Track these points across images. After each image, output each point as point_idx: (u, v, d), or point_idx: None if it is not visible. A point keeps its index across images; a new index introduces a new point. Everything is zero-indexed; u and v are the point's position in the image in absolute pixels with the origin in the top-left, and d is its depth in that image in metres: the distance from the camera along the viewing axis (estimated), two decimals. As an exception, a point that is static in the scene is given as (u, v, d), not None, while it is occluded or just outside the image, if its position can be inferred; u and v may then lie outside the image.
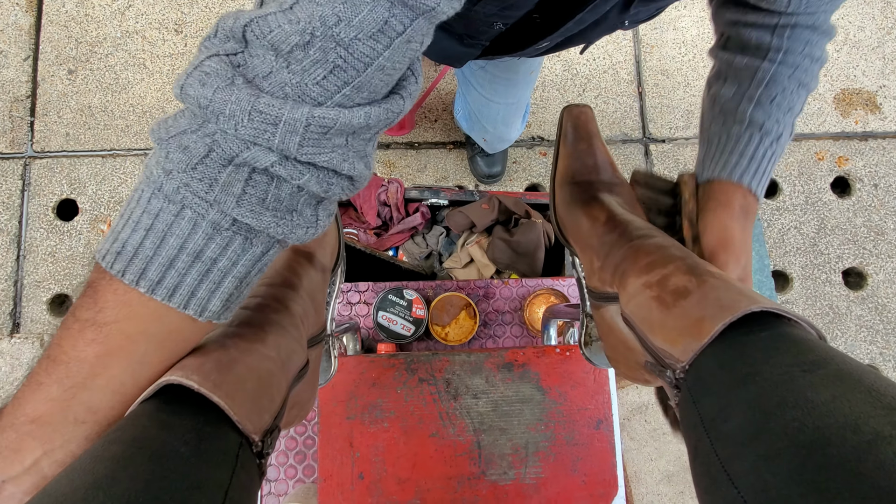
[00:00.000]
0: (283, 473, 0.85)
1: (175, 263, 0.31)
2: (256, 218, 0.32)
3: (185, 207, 0.30)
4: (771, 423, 0.26)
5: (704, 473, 0.28)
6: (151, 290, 0.30)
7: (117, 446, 0.27)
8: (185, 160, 0.30)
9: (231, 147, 0.30)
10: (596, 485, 0.71)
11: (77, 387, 0.30)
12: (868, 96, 1.74)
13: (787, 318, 0.33)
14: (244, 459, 0.30)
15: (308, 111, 0.30)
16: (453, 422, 0.72)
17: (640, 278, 0.42)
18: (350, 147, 0.33)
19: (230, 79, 0.30)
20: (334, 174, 0.33)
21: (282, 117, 0.29)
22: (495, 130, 1.19)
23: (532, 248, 1.22)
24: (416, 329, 0.94)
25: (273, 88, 0.30)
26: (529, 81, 1.03)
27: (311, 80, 0.30)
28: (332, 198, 0.35)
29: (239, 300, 0.35)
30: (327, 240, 0.57)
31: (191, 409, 0.30)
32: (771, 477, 0.24)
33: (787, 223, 1.67)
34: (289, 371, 0.40)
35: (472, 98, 1.09)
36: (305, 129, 0.30)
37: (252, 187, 0.31)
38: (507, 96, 1.04)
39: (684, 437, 0.33)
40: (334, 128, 0.31)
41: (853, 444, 0.23)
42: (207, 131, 0.30)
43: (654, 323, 0.38)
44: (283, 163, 0.31)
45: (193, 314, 0.32)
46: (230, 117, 0.29)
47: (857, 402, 0.25)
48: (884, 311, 1.62)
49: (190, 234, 0.31)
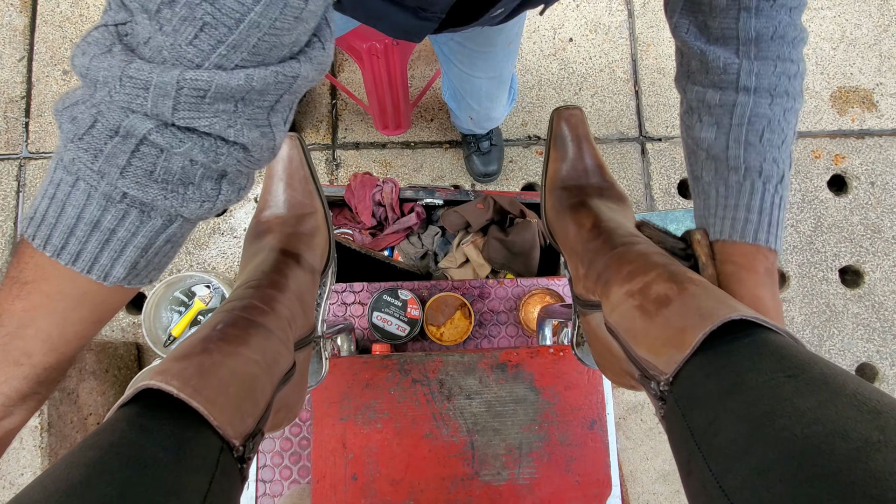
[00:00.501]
0: (279, 474, 0.85)
1: (75, 231, 0.32)
2: (142, 190, 0.32)
3: (79, 179, 0.32)
4: (761, 434, 0.26)
5: (700, 490, 0.28)
6: (56, 254, 0.33)
7: (94, 452, 0.26)
8: (74, 130, 0.31)
9: (113, 116, 0.30)
10: (590, 485, 0.71)
11: (10, 335, 0.33)
12: (865, 94, 1.74)
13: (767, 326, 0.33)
14: (225, 464, 0.30)
15: (179, 73, 0.29)
16: (447, 422, 0.71)
17: (623, 287, 0.41)
18: (239, 113, 0.32)
19: (108, 47, 0.30)
20: (222, 142, 0.33)
21: (151, 81, 0.29)
22: (480, 107, 1.18)
23: (527, 247, 1.22)
24: (411, 329, 0.94)
25: (152, 54, 0.30)
26: (509, 53, 1.01)
27: (184, 40, 0.29)
28: (230, 169, 0.35)
29: (151, 266, 0.36)
30: (317, 241, 0.57)
31: (171, 414, 0.30)
32: (765, 492, 0.24)
33: (784, 221, 1.66)
34: (274, 374, 0.40)
35: (453, 75, 1.08)
36: (178, 92, 0.29)
37: (139, 159, 0.31)
38: (487, 70, 1.03)
39: (674, 450, 0.33)
40: (210, 91, 0.30)
41: (843, 453, 0.23)
42: (94, 101, 0.31)
43: (637, 333, 0.38)
44: (160, 130, 0.31)
45: (97, 279, 0.34)
46: (104, 84, 0.30)
47: (843, 407, 0.25)
48: (880, 309, 1.62)
49: (85, 204, 0.32)
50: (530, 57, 1.73)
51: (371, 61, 1.22)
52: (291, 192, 0.57)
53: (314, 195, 0.59)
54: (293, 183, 0.58)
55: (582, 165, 0.56)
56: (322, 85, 1.70)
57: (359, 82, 1.70)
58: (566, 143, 0.57)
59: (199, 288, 1.48)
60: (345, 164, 1.66)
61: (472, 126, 1.33)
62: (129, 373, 1.48)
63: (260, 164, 0.36)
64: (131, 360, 1.50)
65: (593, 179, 0.55)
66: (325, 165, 1.66)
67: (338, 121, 1.69)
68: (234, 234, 1.60)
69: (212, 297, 1.48)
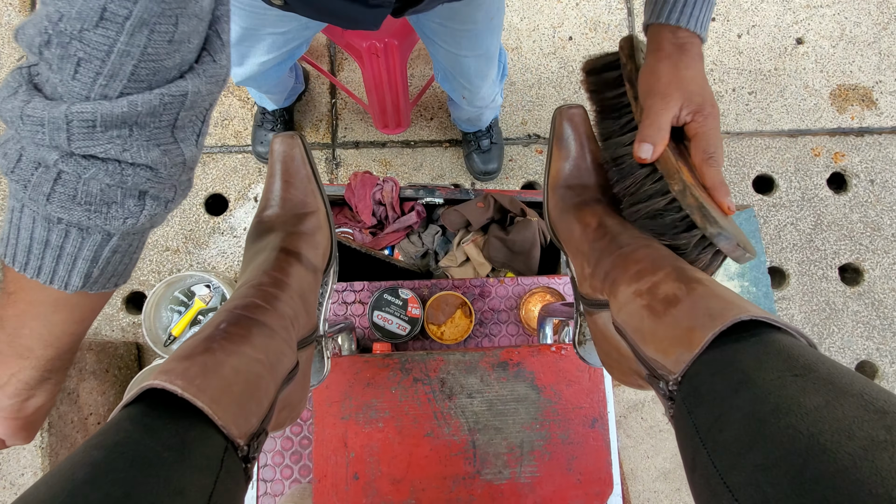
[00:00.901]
0: (280, 474, 0.85)
1: (32, 249, 0.37)
2: (67, 213, 0.36)
3: (25, 206, 0.37)
4: (766, 431, 0.26)
5: (704, 486, 0.28)
6: (23, 269, 0.38)
7: (98, 451, 0.26)
8: (7, 165, 0.35)
9: (31, 150, 0.34)
10: (591, 483, 0.71)
11: (10, 335, 0.40)
12: (864, 92, 1.74)
13: (776, 325, 0.33)
14: (229, 464, 0.30)
15: (67, 108, 0.32)
16: (448, 421, 0.71)
17: (631, 286, 0.41)
18: (136, 136, 0.35)
19: (14, 89, 0.34)
20: (123, 164, 0.35)
21: (45, 118, 0.32)
22: (471, 86, 1.18)
23: (528, 246, 1.22)
24: (411, 328, 0.94)
25: (51, 91, 0.33)
26: (492, 29, 1.01)
27: (68, 75, 0.32)
28: (141, 187, 0.37)
29: (107, 274, 0.40)
30: (318, 240, 0.57)
31: (175, 413, 0.30)
32: (770, 488, 0.24)
33: (784, 219, 1.67)
34: (277, 373, 0.40)
35: (441, 56, 1.08)
36: (69, 125, 0.32)
37: (62, 185, 0.35)
38: (473, 48, 1.03)
39: (680, 447, 0.33)
40: (97, 120, 0.33)
41: (849, 451, 0.23)
42: (18, 138, 0.35)
43: (645, 333, 0.38)
44: (65, 159, 0.34)
45: (59, 288, 0.38)
46: (12, 123, 0.34)
47: (850, 407, 0.25)
48: (880, 307, 1.62)
49: (33, 227, 0.37)
50: (530, 55, 1.73)
51: (371, 60, 1.21)
52: (293, 191, 0.57)
53: (316, 194, 0.59)
54: (295, 182, 0.58)
55: (585, 164, 0.56)
56: (322, 84, 1.70)
57: (358, 81, 1.70)
58: (569, 142, 0.56)
59: (199, 287, 1.48)
60: (345, 164, 1.66)
61: (465, 106, 1.32)
62: (129, 373, 1.48)
63: (174, 178, 0.39)
64: (131, 360, 1.50)
65: (597, 179, 0.55)
66: (325, 165, 1.66)
67: (337, 120, 1.68)
68: (234, 233, 1.60)
69: (212, 297, 1.48)
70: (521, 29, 1.75)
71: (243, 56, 1.01)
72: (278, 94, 1.43)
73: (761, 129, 1.71)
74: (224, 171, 1.63)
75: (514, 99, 1.71)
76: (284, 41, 0.97)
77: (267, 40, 0.95)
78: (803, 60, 1.75)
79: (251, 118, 1.66)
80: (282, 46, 0.98)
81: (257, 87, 1.25)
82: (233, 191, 1.62)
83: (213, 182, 1.62)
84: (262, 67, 1.04)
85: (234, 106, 1.67)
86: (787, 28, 1.77)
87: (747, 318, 0.33)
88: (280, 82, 1.35)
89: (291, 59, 1.09)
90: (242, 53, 1.00)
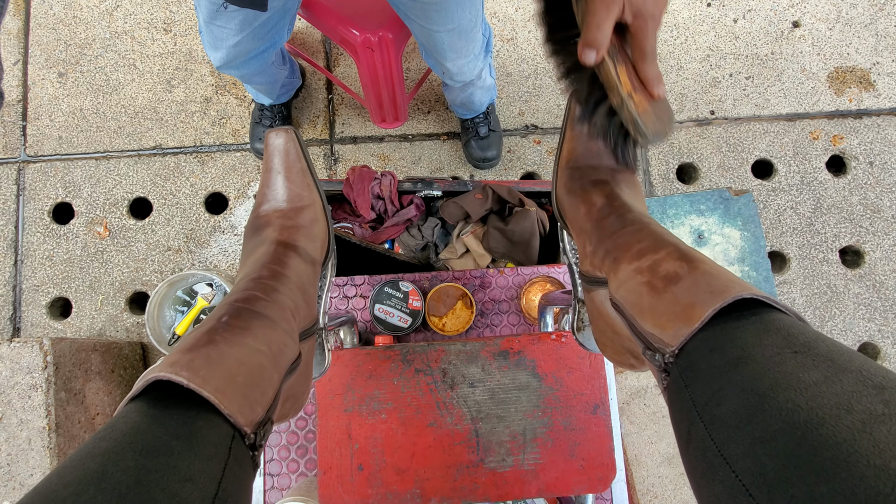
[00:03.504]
0: (286, 468, 0.86)
1: None
2: None
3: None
4: (765, 405, 0.26)
5: (700, 458, 0.29)
6: None
7: (107, 443, 0.27)
8: None
9: None
10: (594, 469, 0.71)
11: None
12: (862, 74, 1.73)
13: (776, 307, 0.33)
14: (237, 452, 0.31)
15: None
16: (451, 411, 0.72)
17: (632, 264, 0.42)
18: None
19: None
20: None
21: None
22: (447, 61, 1.16)
23: (527, 236, 1.22)
24: (413, 321, 0.95)
25: None
26: (462, 4, 0.99)
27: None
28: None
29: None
30: (316, 232, 0.57)
31: (182, 404, 0.30)
32: (768, 459, 0.24)
33: (783, 203, 1.66)
34: (280, 364, 0.40)
35: (417, 32, 1.07)
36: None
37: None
38: (443, 23, 1.01)
39: (674, 422, 0.33)
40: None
41: (847, 424, 0.23)
42: None
43: (644, 308, 0.38)
44: None
45: None
46: None
47: (848, 382, 0.25)
48: (881, 289, 1.62)
49: None
50: (526, 46, 1.73)
51: (366, 55, 1.21)
52: (289, 185, 0.58)
53: (311, 187, 0.59)
54: (290, 176, 0.58)
55: (596, 147, 0.56)
56: (318, 80, 1.70)
57: (354, 76, 1.70)
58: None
59: (201, 286, 1.49)
60: (343, 159, 1.66)
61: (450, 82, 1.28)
62: (134, 372, 1.49)
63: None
64: (136, 360, 1.51)
65: (606, 160, 0.56)
66: (323, 160, 1.66)
67: (335, 115, 1.68)
68: (235, 231, 1.60)
69: (214, 295, 1.49)
70: (515, 19, 1.74)
71: (217, 38, 0.99)
72: (267, 85, 1.39)
73: (759, 114, 1.71)
74: (223, 170, 1.63)
75: (511, 90, 1.71)
76: (255, 16, 0.95)
77: (237, 17, 0.93)
78: (800, 44, 1.74)
79: (249, 116, 1.66)
80: (253, 23, 0.96)
81: (241, 75, 1.19)
82: (232, 189, 1.62)
83: (212, 181, 1.63)
84: (239, 51, 1.02)
85: (232, 104, 1.67)
86: (783, 11, 1.76)
87: (748, 297, 0.33)
88: (265, 72, 1.29)
89: (273, 45, 1.07)
90: (216, 35, 0.98)
